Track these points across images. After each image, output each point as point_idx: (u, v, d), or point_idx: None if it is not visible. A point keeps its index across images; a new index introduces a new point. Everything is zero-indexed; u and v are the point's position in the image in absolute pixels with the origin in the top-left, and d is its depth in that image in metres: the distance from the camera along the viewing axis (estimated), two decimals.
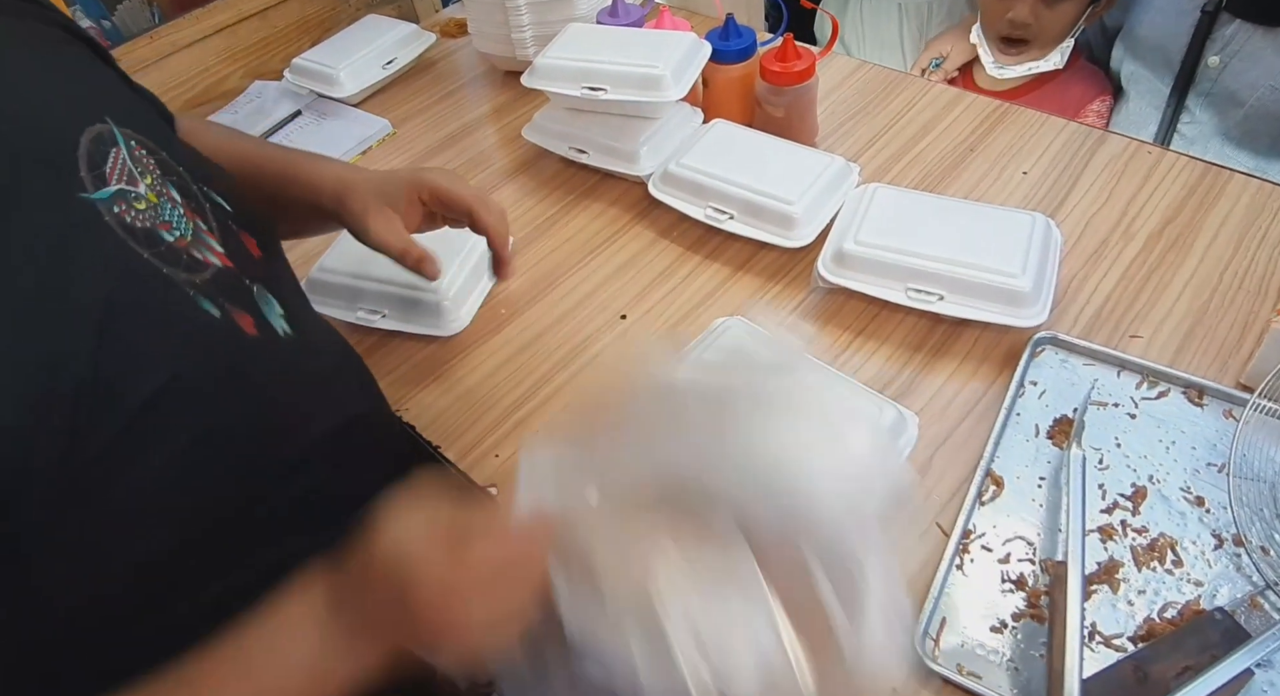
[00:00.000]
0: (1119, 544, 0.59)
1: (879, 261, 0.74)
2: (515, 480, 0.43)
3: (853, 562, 0.36)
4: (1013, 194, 0.86)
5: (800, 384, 0.41)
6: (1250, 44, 1.07)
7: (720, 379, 0.43)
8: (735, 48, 0.92)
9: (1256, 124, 1.10)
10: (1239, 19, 1.07)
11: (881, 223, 0.76)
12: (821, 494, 0.36)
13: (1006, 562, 0.59)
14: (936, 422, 0.67)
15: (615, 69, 0.88)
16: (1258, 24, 1.05)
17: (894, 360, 0.73)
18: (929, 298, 0.72)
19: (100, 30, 1.35)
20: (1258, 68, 1.06)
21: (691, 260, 0.86)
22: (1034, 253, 0.71)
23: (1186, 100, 1.16)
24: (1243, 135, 1.12)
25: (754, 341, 0.69)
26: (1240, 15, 1.06)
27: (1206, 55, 1.11)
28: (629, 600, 0.37)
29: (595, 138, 0.93)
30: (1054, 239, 0.75)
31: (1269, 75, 1.06)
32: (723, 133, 0.91)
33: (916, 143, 0.95)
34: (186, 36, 1.21)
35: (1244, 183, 0.83)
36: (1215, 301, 0.73)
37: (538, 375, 0.77)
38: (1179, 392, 0.67)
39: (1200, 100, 1.15)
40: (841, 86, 1.05)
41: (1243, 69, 1.08)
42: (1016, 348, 0.71)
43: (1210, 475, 0.62)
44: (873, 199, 0.79)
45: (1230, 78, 1.10)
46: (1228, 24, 1.08)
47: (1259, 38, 1.06)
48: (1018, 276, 0.69)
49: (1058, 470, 0.63)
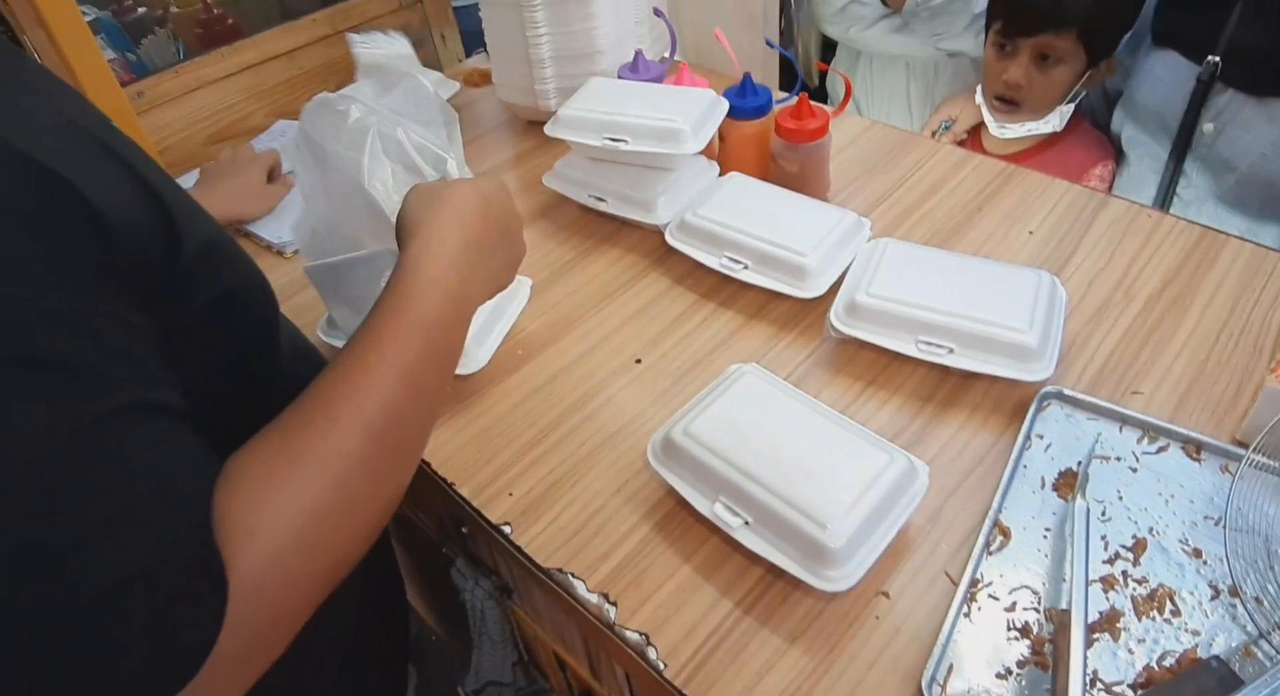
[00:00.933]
0: (1120, 593, 0.61)
1: (890, 314, 0.76)
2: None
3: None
4: (1019, 252, 0.89)
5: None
6: (1243, 112, 1.11)
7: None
8: (752, 105, 0.96)
9: (1248, 188, 1.14)
10: (1232, 88, 1.11)
11: (893, 276, 0.79)
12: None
13: (1012, 611, 0.61)
14: (946, 472, 0.70)
15: (636, 121, 0.92)
16: (1250, 94, 1.10)
17: (905, 410, 0.75)
18: (939, 350, 0.74)
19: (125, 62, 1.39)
20: (1249, 135, 1.11)
21: (706, 307, 0.88)
22: (1040, 309, 0.74)
23: (1184, 165, 1.20)
24: (1236, 199, 1.17)
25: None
26: (1233, 85, 1.11)
27: (1202, 122, 1.16)
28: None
29: (614, 187, 0.96)
30: (1059, 296, 0.78)
31: (1259, 142, 1.10)
32: (738, 185, 0.94)
33: (926, 200, 0.98)
34: (211, 73, 1.24)
35: (1239, 247, 0.87)
36: (1212, 360, 0.76)
37: (552, 416, 0.79)
38: (1178, 447, 0.70)
39: (1197, 165, 1.19)
40: (854, 144, 1.09)
41: (1235, 136, 1.13)
42: (1024, 401, 0.74)
43: (1207, 528, 0.64)
44: (884, 253, 0.82)
45: (1224, 144, 1.14)
46: (1221, 93, 1.13)
47: (1250, 107, 1.10)
48: (1025, 332, 0.72)
49: (1062, 521, 0.66)
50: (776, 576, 0.64)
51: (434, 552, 0.95)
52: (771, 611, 0.62)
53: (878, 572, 0.63)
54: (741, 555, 0.66)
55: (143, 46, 1.43)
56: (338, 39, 1.33)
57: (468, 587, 0.88)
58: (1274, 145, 1.09)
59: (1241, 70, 1.10)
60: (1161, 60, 1.20)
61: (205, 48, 1.26)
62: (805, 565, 0.61)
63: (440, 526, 0.92)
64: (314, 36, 1.31)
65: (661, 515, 0.70)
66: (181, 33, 1.43)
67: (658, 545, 0.68)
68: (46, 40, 0.91)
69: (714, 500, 0.65)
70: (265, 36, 1.27)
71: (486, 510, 0.72)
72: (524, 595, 0.87)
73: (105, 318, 0.40)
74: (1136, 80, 1.26)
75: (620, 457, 0.74)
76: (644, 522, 0.69)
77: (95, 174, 0.42)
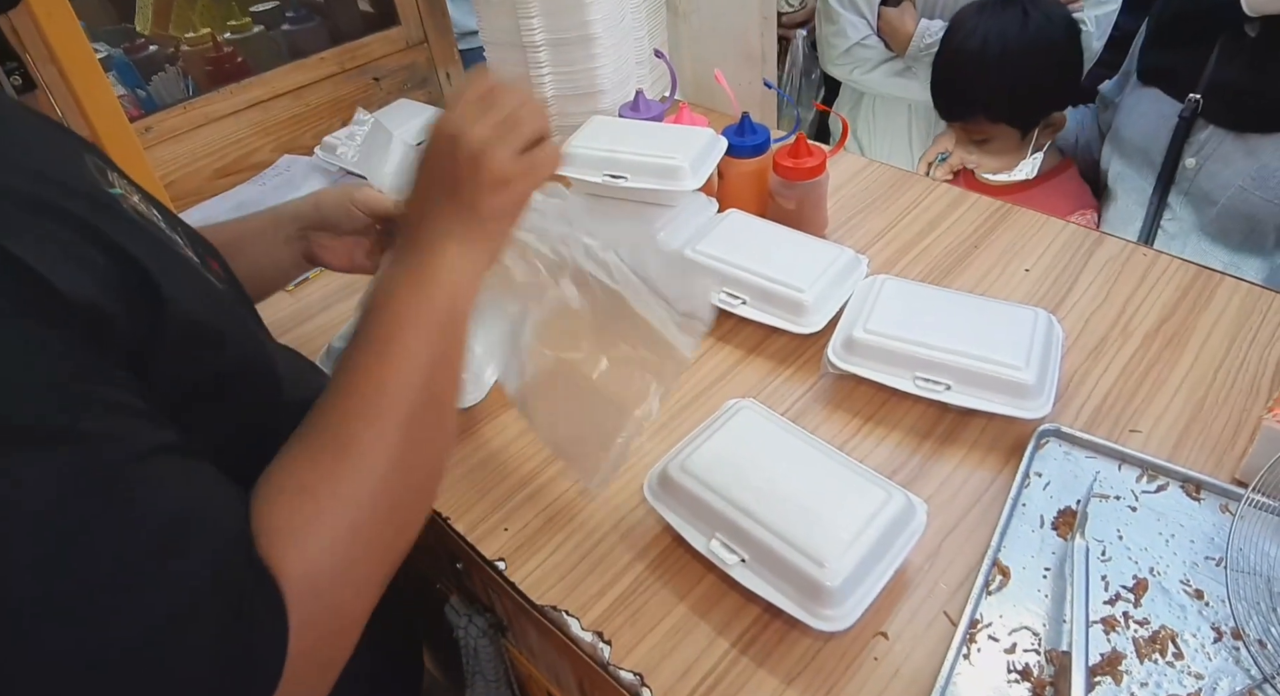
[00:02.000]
0: (1121, 635, 0.60)
1: (888, 350, 0.76)
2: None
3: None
4: (1016, 290, 0.90)
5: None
6: (1223, 147, 1.14)
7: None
8: (750, 143, 0.97)
9: (1228, 221, 1.17)
10: (1213, 124, 1.14)
11: (890, 313, 0.79)
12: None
13: (1012, 652, 0.60)
14: (945, 511, 0.69)
15: (636, 159, 0.93)
16: (1229, 129, 1.13)
17: (902, 447, 0.75)
18: (936, 387, 0.74)
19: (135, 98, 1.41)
20: (1229, 168, 1.14)
21: (704, 342, 0.88)
22: (1037, 347, 0.74)
23: (1168, 198, 1.23)
24: (1218, 231, 1.19)
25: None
26: (1214, 121, 1.14)
27: (1185, 157, 1.19)
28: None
29: None
30: (1056, 334, 0.78)
31: (1238, 175, 1.13)
32: (737, 222, 0.95)
33: (923, 238, 0.99)
34: (220, 109, 1.25)
35: (1234, 285, 0.87)
36: (1210, 398, 0.76)
37: (548, 451, 0.78)
38: (1177, 486, 0.69)
39: (1180, 198, 1.22)
40: (851, 182, 1.10)
41: (1215, 170, 1.16)
42: (1022, 439, 0.73)
43: (1209, 568, 0.63)
44: (881, 289, 0.83)
45: (1205, 178, 1.17)
46: (1203, 129, 1.16)
47: (1230, 142, 1.14)
48: (1022, 369, 0.72)
49: (1062, 561, 0.65)
50: (773, 616, 0.63)
51: (428, 589, 0.94)
52: (768, 651, 0.62)
53: (876, 612, 0.62)
54: (738, 593, 0.65)
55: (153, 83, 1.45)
56: (344, 77, 1.35)
57: (462, 624, 0.87)
58: (1252, 178, 1.12)
59: (1221, 106, 1.13)
60: (1146, 97, 1.24)
61: (214, 85, 1.27)
62: (802, 604, 0.60)
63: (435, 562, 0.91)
64: (321, 75, 1.33)
65: (658, 552, 0.69)
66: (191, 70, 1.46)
67: (653, 582, 0.67)
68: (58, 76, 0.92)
69: (710, 537, 0.65)
70: (273, 74, 1.28)
71: (481, 545, 0.72)
72: (518, 633, 0.86)
73: (84, 380, 0.38)
74: (1122, 116, 1.29)
75: (616, 493, 0.74)
76: (639, 560, 0.69)
77: (50, 245, 0.40)
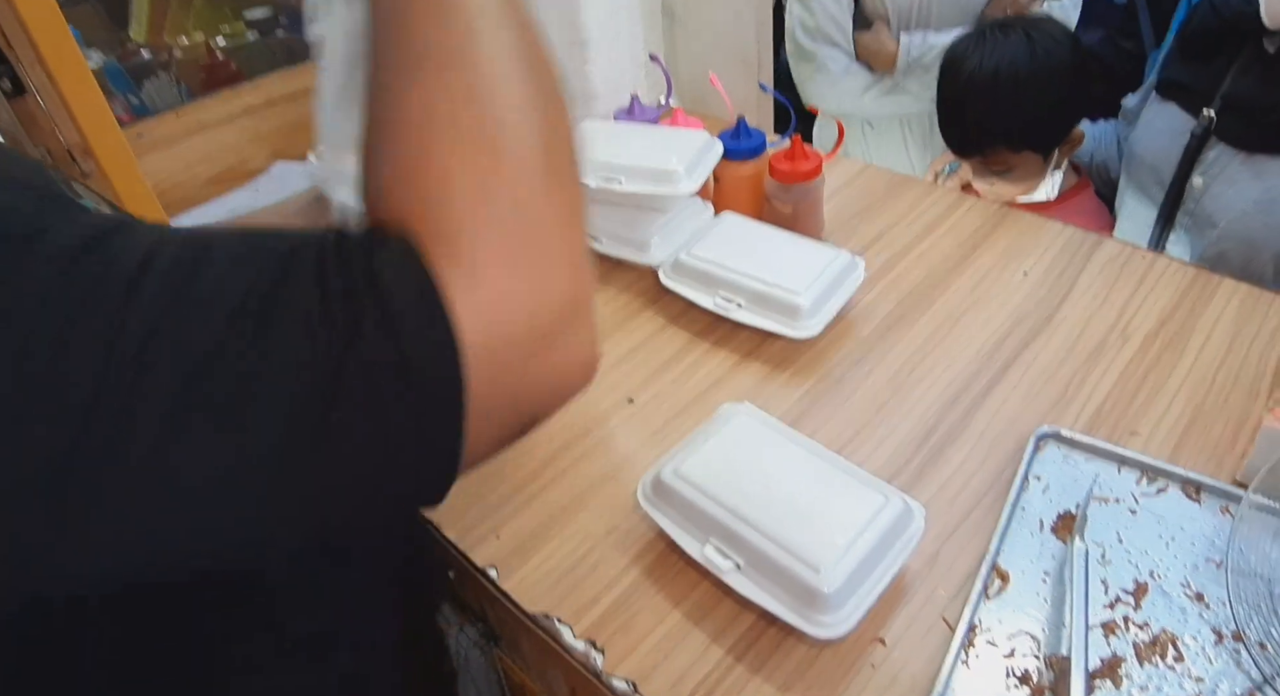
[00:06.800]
0: (1121, 639, 0.59)
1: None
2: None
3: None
4: (1014, 292, 0.89)
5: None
6: (1230, 167, 1.12)
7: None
8: (746, 147, 0.96)
9: (1227, 246, 1.14)
10: (1223, 143, 1.12)
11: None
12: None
13: (1011, 658, 0.59)
14: (943, 514, 0.68)
15: (631, 163, 0.92)
16: (1239, 148, 1.11)
17: (900, 451, 0.74)
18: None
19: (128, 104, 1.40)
20: (1234, 189, 1.12)
21: (699, 347, 0.88)
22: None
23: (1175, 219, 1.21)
24: (1216, 257, 1.16)
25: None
26: (1225, 139, 1.12)
27: (1193, 175, 1.17)
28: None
29: (609, 226, 0.96)
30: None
31: (1242, 198, 1.11)
32: (732, 225, 0.94)
33: (921, 241, 0.98)
34: (213, 116, 1.24)
35: (1233, 287, 0.86)
36: (1210, 400, 0.75)
37: (541, 456, 0.78)
38: (1177, 489, 0.69)
39: (1186, 220, 1.20)
40: (848, 186, 1.10)
41: (1221, 191, 1.14)
42: (1020, 441, 0.73)
43: (1209, 571, 0.63)
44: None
45: (1210, 199, 1.15)
46: (1213, 147, 1.14)
47: (1239, 162, 1.11)
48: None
49: (1062, 565, 0.64)
50: (769, 622, 0.62)
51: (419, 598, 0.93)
52: (764, 659, 0.61)
53: (873, 618, 0.61)
54: (733, 600, 0.64)
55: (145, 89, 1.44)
56: None
57: (453, 634, 0.86)
58: (1255, 203, 1.10)
59: (1235, 124, 1.11)
60: (1162, 112, 1.21)
61: (208, 91, 1.27)
62: (798, 610, 0.59)
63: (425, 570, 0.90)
64: (314, 81, 1.32)
65: (652, 558, 0.68)
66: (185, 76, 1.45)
67: (647, 589, 0.66)
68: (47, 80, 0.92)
69: (704, 542, 0.64)
70: (266, 80, 1.28)
71: (473, 553, 0.71)
72: (511, 642, 0.85)
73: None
74: (1138, 132, 1.26)
75: (610, 499, 0.73)
76: (633, 566, 0.68)
77: None
